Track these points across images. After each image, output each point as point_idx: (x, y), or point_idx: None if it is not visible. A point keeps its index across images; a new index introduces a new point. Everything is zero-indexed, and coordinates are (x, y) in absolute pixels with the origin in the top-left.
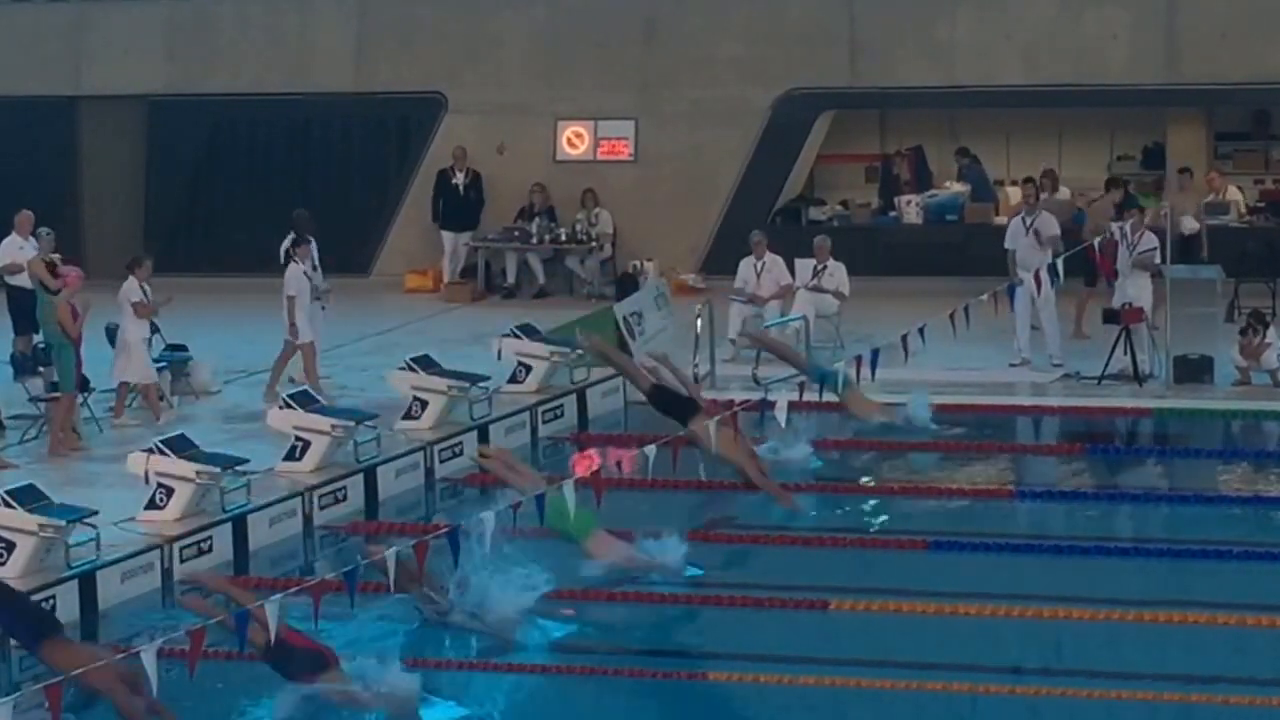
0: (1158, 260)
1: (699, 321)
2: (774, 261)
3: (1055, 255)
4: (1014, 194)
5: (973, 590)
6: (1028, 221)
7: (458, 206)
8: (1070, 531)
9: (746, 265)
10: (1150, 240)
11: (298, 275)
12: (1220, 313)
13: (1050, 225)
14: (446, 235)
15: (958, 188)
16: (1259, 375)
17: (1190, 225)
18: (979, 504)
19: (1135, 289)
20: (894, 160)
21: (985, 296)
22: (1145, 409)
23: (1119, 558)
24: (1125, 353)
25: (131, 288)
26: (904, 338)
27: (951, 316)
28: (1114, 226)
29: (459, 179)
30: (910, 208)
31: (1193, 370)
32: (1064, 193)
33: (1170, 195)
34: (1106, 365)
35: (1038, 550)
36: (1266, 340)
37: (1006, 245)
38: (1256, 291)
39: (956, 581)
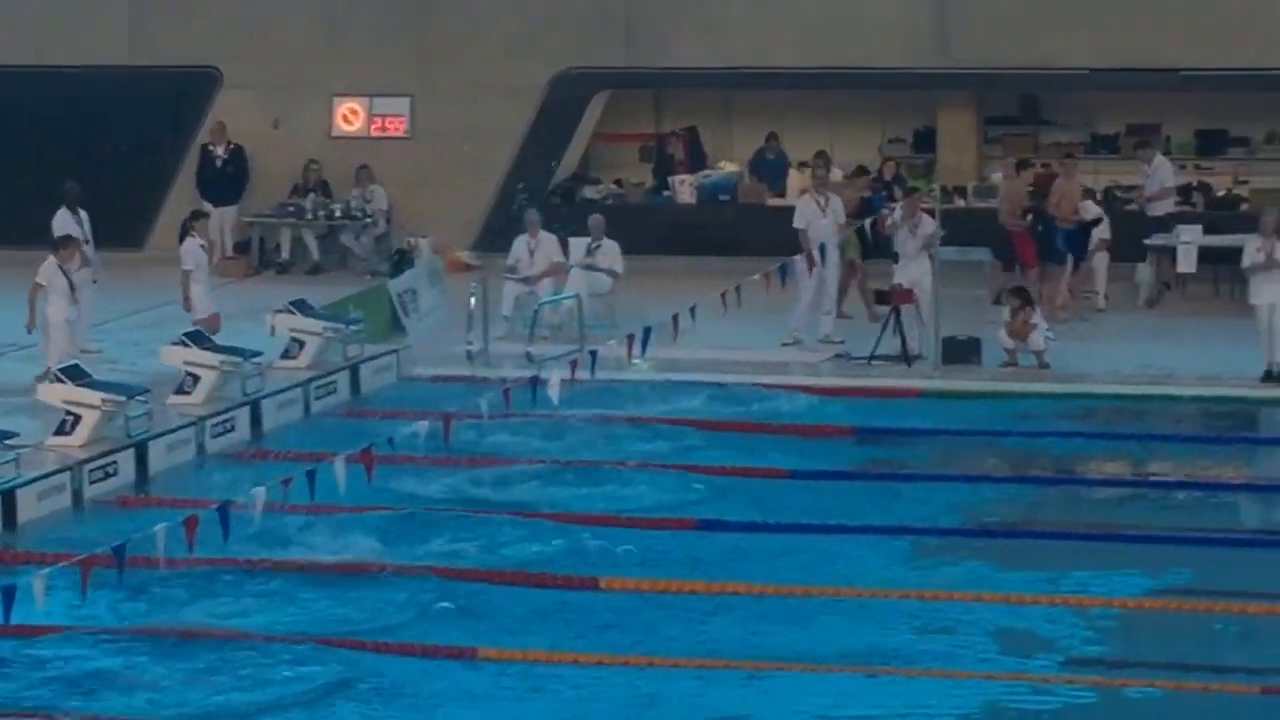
0: (939, 242)
1: (473, 299)
2: (546, 239)
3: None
4: (795, 175)
5: (744, 570)
6: (821, 202)
7: (218, 181)
8: (846, 512)
9: (520, 243)
10: (931, 222)
11: (194, 249)
12: (989, 295)
13: (840, 207)
14: (210, 210)
15: (731, 168)
16: (1025, 357)
17: (1094, 211)
18: (751, 484)
19: (919, 271)
20: (668, 140)
21: (758, 276)
22: (914, 389)
23: (891, 538)
24: (895, 334)
25: (48, 269)
26: (674, 317)
27: (723, 296)
28: (886, 209)
29: (220, 153)
30: (684, 187)
31: (961, 351)
32: (836, 174)
33: (1060, 183)
34: (876, 345)
35: (812, 530)
36: (1032, 322)
37: (796, 225)
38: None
39: (727, 561)
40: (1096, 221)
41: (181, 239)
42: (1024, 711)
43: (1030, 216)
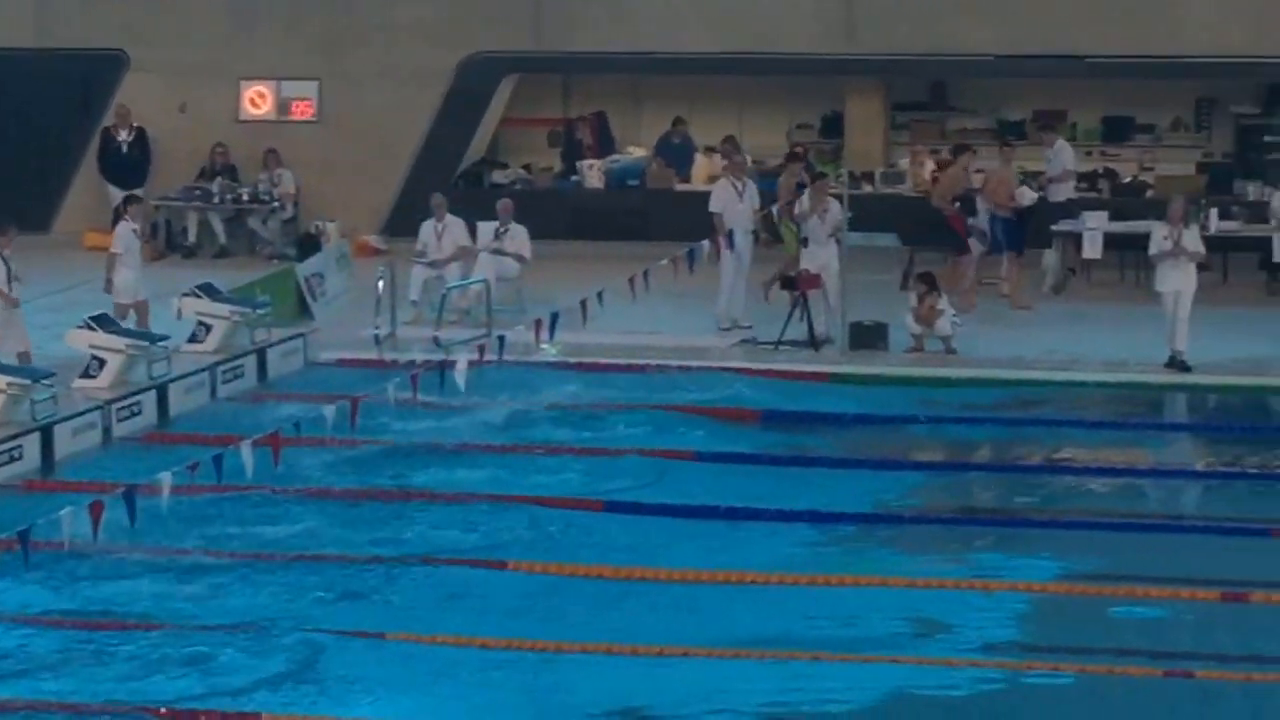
0: (846, 228)
1: (380, 283)
2: (454, 223)
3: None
4: (701, 160)
5: (651, 553)
6: (738, 187)
7: (122, 165)
8: (753, 496)
9: (427, 228)
10: (839, 208)
11: (126, 233)
12: (896, 280)
13: (755, 192)
14: (115, 194)
15: (639, 153)
16: (932, 342)
17: (1030, 197)
18: (657, 466)
19: (827, 256)
20: (577, 125)
21: (665, 261)
22: (821, 373)
23: (798, 523)
24: (802, 319)
25: None
26: (583, 301)
27: (631, 281)
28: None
29: (123, 137)
30: (592, 172)
31: (867, 336)
32: (744, 159)
33: (995, 170)
34: (784, 330)
35: (719, 514)
36: (939, 307)
37: (713, 209)
38: (932, 261)
39: (634, 544)
40: (1033, 208)
41: (115, 223)
42: (932, 697)
43: (959, 204)
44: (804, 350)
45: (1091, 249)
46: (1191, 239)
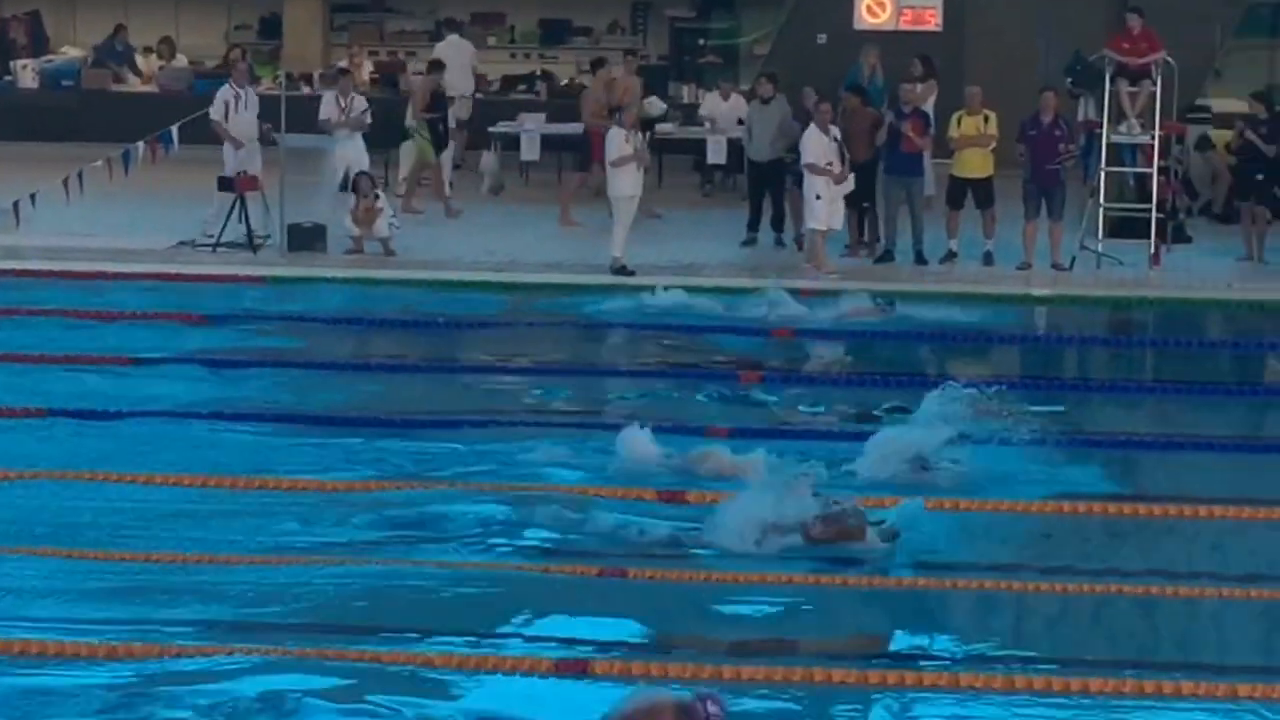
0: (369, 120)
1: None
2: None
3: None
4: (140, 61)
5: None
6: (241, 94)
7: None
8: (200, 399)
9: None
10: (362, 102)
11: None
12: (336, 184)
13: (256, 100)
14: None
15: (75, 53)
16: (371, 244)
17: (659, 107)
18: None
19: (356, 152)
20: (10, 24)
21: (100, 163)
22: (259, 276)
23: (239, 423)
24: (240, 220)
25: None
26: (15, 204)
27: (65, 182)
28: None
29: None
30: (26, 72)
31: (306, 238)
32: (181, 60)
33: (623, 78)
34: (221, 232)
35: (159, 416)
36: (379, 206)
37: (213, 115)
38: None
39: (70, 449)
40: (662, 118)
41: None
42: (406, 596)
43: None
44: (243, 253)
45: (529, 151)
46: (643, 143)
